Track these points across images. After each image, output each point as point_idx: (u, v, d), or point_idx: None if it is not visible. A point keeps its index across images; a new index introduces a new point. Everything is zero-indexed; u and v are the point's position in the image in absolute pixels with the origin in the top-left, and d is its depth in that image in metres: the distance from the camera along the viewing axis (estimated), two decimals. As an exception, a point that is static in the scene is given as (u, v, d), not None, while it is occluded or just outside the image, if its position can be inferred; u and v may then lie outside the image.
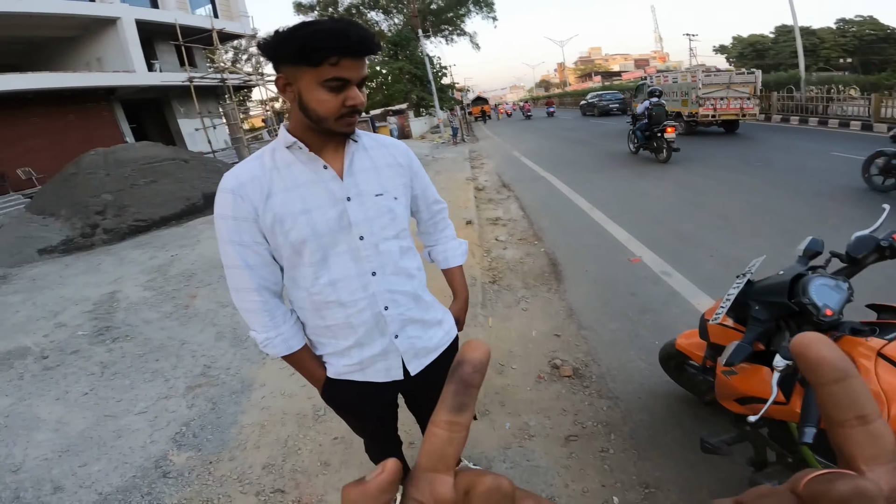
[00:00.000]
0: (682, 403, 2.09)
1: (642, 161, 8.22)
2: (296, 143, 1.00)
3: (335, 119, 0.93)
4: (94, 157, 8.96)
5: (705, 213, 4.75)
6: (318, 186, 1.00)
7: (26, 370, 2.97)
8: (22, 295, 4.46)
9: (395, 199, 1.09)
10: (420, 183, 1.20)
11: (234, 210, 0.98)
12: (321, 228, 1.00)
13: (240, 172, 1.00)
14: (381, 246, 1.06)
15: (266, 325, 1.04)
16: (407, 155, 1.17)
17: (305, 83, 0.91)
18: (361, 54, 0.90)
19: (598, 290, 3.38)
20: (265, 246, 1.02)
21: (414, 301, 1.15)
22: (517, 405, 2.22)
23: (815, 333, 0.20)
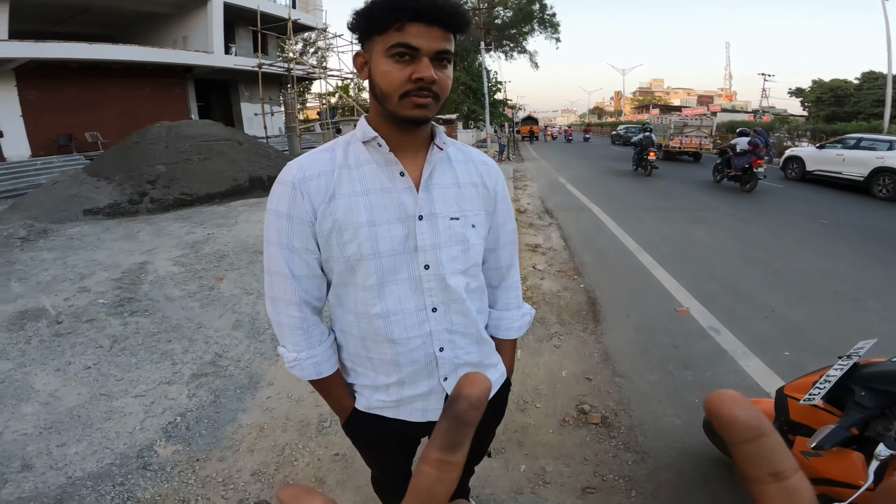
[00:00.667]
0: (714, 466, 1.93)
1: (698, 205, 7.78)
2: (376, 139, 0.84)
3: (399, 97, 0.78)
4: (158, 130, 9.34)
5: (764, 271, 4.35)
6: (390, 196, 0.85)
7: (36, 334, 2.95)
8: (56, 252, 4.56)
9: (472, 227, 0.92)
10: (500, 216, 1.00)
11: (290, 207, 0.84)
12: (384, 248, 0.84)
13: (306, 164, 0.86)
14: (449, 280, 0.89)
15: (299, 344, 0.90)
16: (496, 177, 0.99)
17: (375, 55, 0.79)
18: (433, 20, 0.75)
19: (638, 337, 3.11)
20: (316, 255, 0.87)
21: (476, 344, 0.98)
22: (536, 448, 2.07)
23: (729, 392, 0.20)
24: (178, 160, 8.72)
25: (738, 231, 5.93)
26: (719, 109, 55.32)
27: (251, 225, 5.61)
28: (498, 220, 0.99)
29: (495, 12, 30.26)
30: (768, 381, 2.52)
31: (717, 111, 53.14)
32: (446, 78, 0.80)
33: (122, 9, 15.54)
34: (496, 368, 1.06)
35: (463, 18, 0.78)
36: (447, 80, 0.81)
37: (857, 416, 1.17)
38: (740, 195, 8.83)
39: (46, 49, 11.99)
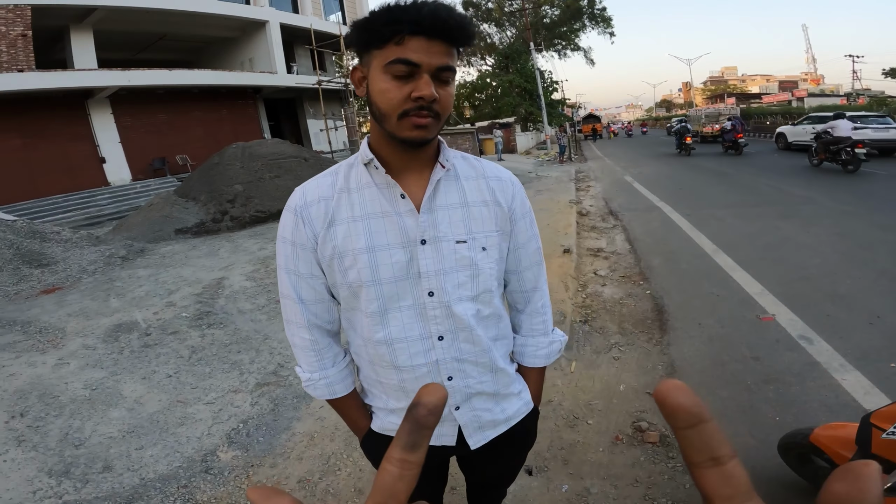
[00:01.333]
0: (788, 491, 1.74)
1: (788, 198, 7.02)
2: (373, 161, 0.81)
3: (398, 117, 0.74)
4: (234, 150, 10.12)
5: (868, 271, 3.80)
6: (390, 220, 0.82)
7: (128, 345, 3.25)
8: (150, 270, 5.05)
9: (482, 251, 0.85)
10: (520, 236, 0.92)
11: (293, 233, 0.85)
12: (384, 274, 0.81)
13: (308, 189, 0.86)
14: (455, 307, 0.84)
15: (312, 364, 0.91)
16: (511, 192, 0.91)
17: (373, 71, 0.75)
18: (435, 34, 0.70)
19: (711, 348, 2.84)
20: (322, 280, 0.87)
21: (490, 373, 0.92)
22: (582, 466, 1.96)
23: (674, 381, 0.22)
24: (253, 179, 9.39)
25: (837, 226, 5.25)
26: (806, 94, 50.23)
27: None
28: (518, 240, 0.92)
29: (542, 11, 29.69)
30: (868, 397, 2.20)
31: (804, 96, 48.36)
32: (448, 96, 0.76)
33: (195, 35, 16.95)
34: (518, 398, 0.99)
35: (467, 31, 0.73)
36: (449, 99, 0.76)
37: None
38: (841, 185, 7.88)
39: (134, 77, 13.21)
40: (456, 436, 0.94)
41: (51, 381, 2.82)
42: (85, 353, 3.19)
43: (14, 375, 2.91)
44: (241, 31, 17.60)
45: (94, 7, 12.26)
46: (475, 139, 10.29)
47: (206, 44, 18.29)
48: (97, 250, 5.66)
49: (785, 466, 1.77)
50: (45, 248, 5.48)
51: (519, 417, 0.99)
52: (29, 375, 2.91)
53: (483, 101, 26.68)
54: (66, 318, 3.85)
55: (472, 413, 0.92)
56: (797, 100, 46.95)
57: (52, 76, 11.69)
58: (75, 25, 12.88)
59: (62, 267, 5.23)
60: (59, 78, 11.85)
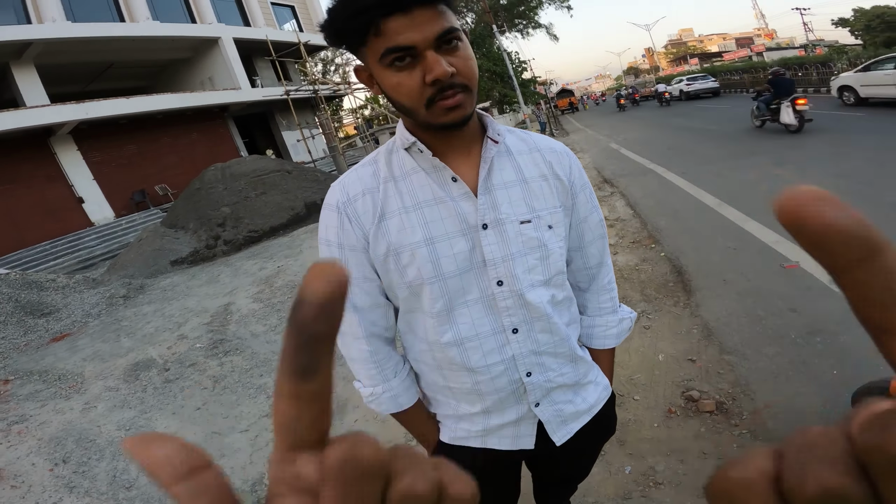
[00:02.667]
0: None
1: (779, 148, 7.03)
2: (415, 144, 0.73)
3: (425, 107, 0.65)
4: (213, 173, 9.91)
5: (879, 207, 3.78)
6: (445, 207, 0.74)
7: (150, 382, 3.18)
8: (154, 305, 4.92)
9: (549, 229, 0.78)
10: (582, 209, 0.85)
11: (339, 235, 0.76)
12: (447, 268, 0.73)
13: (349, 183, 0.77)
14: (528, 295, 0.77)
15: (373, 377, 0.82)
16: (569, 164, 0.84)
17: (373, 67, 0.67)
18: (412, 3, 0.60)
19: (743, 304, 2.77)
20: (377, 283, 0.78)
21: (570, 364, 0.85)
22: (640, 445, 1.86)
23: (808, 189, 0.14)
24: (239, 199, 9.21)
25: (833, 166, 5.26)
26: (764, 49, 50.76)
27: (315, 251, 5.75)
28: (579, 214, 0.85)
29: None
30: None
31: (763, 51, 48.87)
32: (466, 60, 0.65)
33: (145, 60, 16.39)
34: (596, 384, 0.93)
35: None
36: (469, 62, 0.66)
37: None
38: (824, 132, 7.97)
39: (91, 108, 12.56)
40: (535, 436, 0.87)
41: (83, 426, 2.76)
42: (109, 394, 3.13)
43: (45, 423, 2.84)
44: (193, 50, 17.11)
45: (27, 42, 11.58)
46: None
47: (160, 67, 17.72)
48: (97, 293, 5.52)
49: None
50: (43, 297, 5.33)
51: (601, 405, 0.93)
52: (60, 422, 2.84)
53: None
54: (81, 362, 3.77)
55: (553, 408, 0.86)
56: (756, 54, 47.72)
57: (4, 116, 11.01)
58: (15, 62, 12.17)
59: (65, 314, 5.10)
60: (12, 118, 11.19)
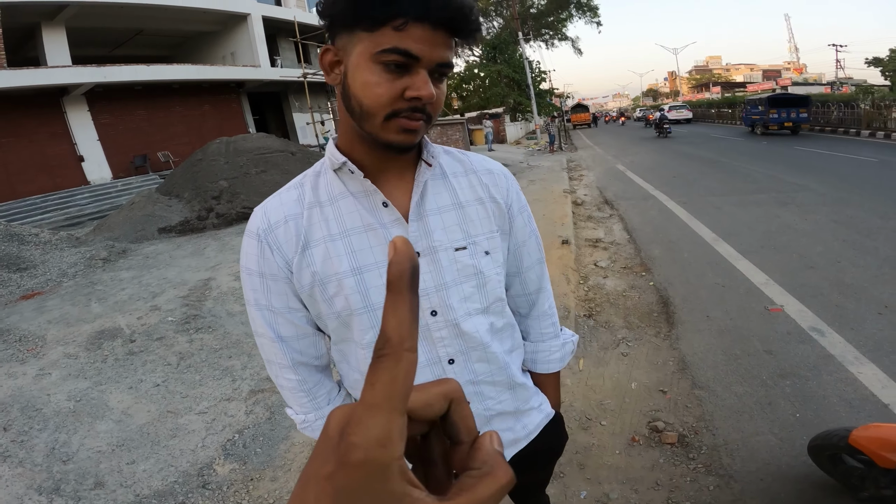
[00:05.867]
0: (818, 490, 1.67)
1: (782, 186, 7.00)
2: (345, 164, 0.68)
3: (384, 118, 0.61)
4: (217, 146, 9.83)
5: (872, 259, 3.75)
6: (375, 234, 0.70)
7: (112, 353, 3.09)
8: (133, 272, 4.83)
9: (485, 255, 0.75)
10: (519, 234, 0.83)
11: (259, 263, 0.71)
12: (376, 298, 0.69)
13: (270, 209, 0.72)
14: (464, 325, 0.73)
15: (305, 405, 0.78)
16: (506, 186, 0.81)
17: (356, 57, 0.61)
18: (442, 24, 0.58)
19: (722, 342, 2.75)
20: (302, 312, 0.73)
21: (508, 391, 0.82)
22: (599, 471, 1.88)
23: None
24: (238, 174, 9.13)
25: (835, 213, 5.22)
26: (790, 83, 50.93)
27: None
28: (517, 238, 0.82)
29: (529, 1, 29.58)
30: (886, 391, 2.14)
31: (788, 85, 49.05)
32: (442, 95, 0.64)
33: (173, 29, 16.48)
34: (539, 411, 0.90)
35: (475, 23, 0.61)
36: (443, 98, 0.65)
37: None
38: (834, 174, 7.92)
39: (110, 73, 12.78)
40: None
41: (32, 393, 2.67)
42: (67, 362, 3.02)
43: (-8, 387, 2.75)
44: (221, 24, 17.14)
45: (65, 3, 11.82)
46: (465, 130, 10.13)
47: (185, 38, 17.83)
48: (77, 252, 5.42)
49: (813, 466, 1.69)
50: (23, 251, 5.23)
51: (540, 427, 0.90)
52: (9, 387, 2.75)
53: (471, 92, 26.49)
54: (46, 325, 3.66)
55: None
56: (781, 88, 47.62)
57: (24, 74, 11.26)
58: (47, 23, 12.45)
59: (41, 270, 4.99)
60: (33, 76, 11.43)
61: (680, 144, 15.44)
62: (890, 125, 14.05)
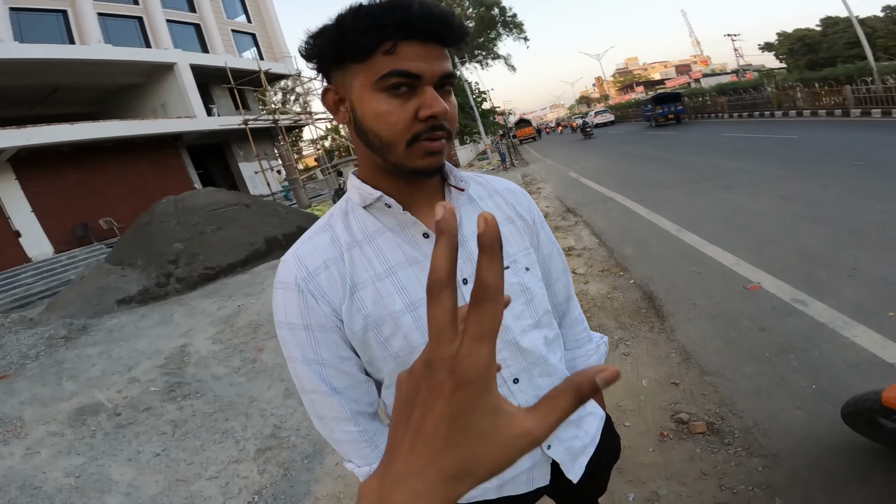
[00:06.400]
0: (868, 457, 1.66)
1: (722, 172, 7.49)
2: (381, 199, 0.66)
3: (406, 144, 0.60)
4: (164, 206, 9.42)
5: (825, 227, 4.06)
6: (421, 267, 0.68)
7: (99, 427, 2.94)
8: (100, 347, 4.53)
9: (526, 271, 0.76)
10: (544, 247, 0.85)
11: (303, 315, 0.67)
12: None
13: (304, 254, 0.69)
14: (522, 342, 0.74)
15: (367, 456, 0.74)
16: (528, 203, 0.84)
17: (357, 90, 0.60)
18: (430, 36, 0.58)
19: (715, 326, 2.84)
20: (354, 360, 0.70)
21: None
22: (639, 471, 1.85)
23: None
24: (193, 234, 8.76)
25: (777, 190, 5.63)
26: (700, 76, 55.11)
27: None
28: (543, 252, 0.85)
29: None
30: (886, 350, 2.23)
31: (699, 77, 53.04)
32: (453, 106, 0.64)
33: (92, 84, 15.64)
34: (594, 415, 0.91)
35: (462, 28, 0.61)
36: (454, 109, 0.64)
37: None
38: (765, 154, 8.55)
39: (33, 134, 11.85)
40: (549, 474, 0.83)
41: (26, 472, 2.53)
42: (53, 440, 2.87)
43: (-17, 469, 2.53)
44: (146, 76, 16.55)
45: None
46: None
47: (109, 93, 17.00)
48: (34, 333, 5.07)
49: (849, 433, 1.72)
50: (-27, 338, 4.80)
51: (599, 431, 0.91)
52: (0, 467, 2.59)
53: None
54: (20, 406, 3.44)
55: (563, 446, 0.83)
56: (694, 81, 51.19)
57: None
58: None
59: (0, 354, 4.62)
60: None
61: (624, 145, 16.28)
62: (798, 104, 15.50)
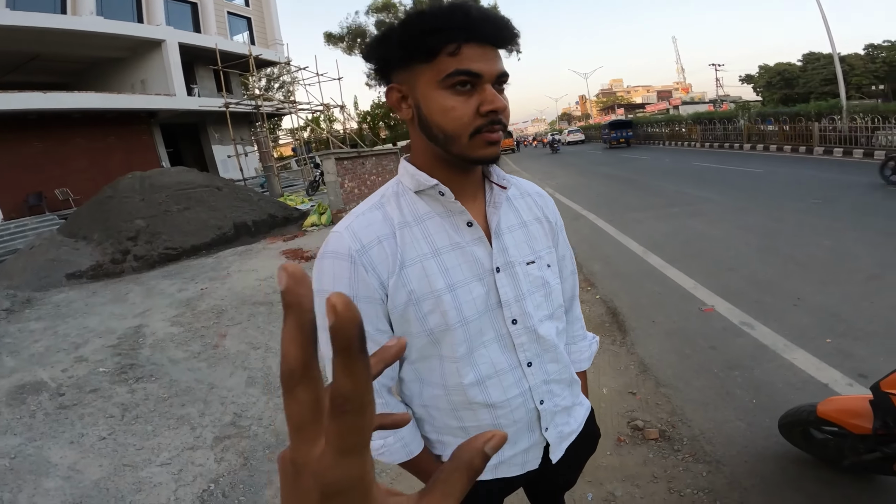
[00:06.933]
0: (799, 466, 1.84)
1: (689, 199, 7.84)
2: (436, 186, 0.72)
3: (469, 136, 0.67)
4: (130, 181, 9.05)
5: (777, 258, 4.33)
6: (462, 252, 0.75)
7: (39, 407, 2.77)
8: (44, 322, 4.29)
9: (548, 268, 0.85)
10: (561, 247, 0.94)
11: (353, 285, 0.71)
12: (468, 313, 0.74)
13: (359, 229, 0.73)
14: (540, 329, 0.82)
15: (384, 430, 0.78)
16: (553, 208, 0.93)
17: (423, 88, 0.68)
18: (488, 38, 0.66)
19: (671, 343, 3.01)
20: (389, 335, 0.74)
21: (568, 388, 0.92)
22: (597, 472, 1.97)
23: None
24: (157, 212, 8.44)
25: (737, 220, 5.96)
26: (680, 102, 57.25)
27: (245, 275, 5.40)
28: (559, 252, 0.93)
29: None
30: (820, 371, 2.45)
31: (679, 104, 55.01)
32: (507, 103, 0.71)
33: (73, 55, 15.09)
34: (581, 405, 1.00)
35: (514, 31, 0.69)
36: (508, 106, 0.72)
37: None
38: (730, 186, 9.00)
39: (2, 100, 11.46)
40: (540, 459, 0.91)
41: None
42: None
43: None
44: (130, 50, 15.97)
45: None
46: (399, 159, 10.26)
47: (89, 64, 16.30)
48: (-31, 306, 4.70)
49: (784, 444, 1.88)
50: None
51: (584, 421, 1.00)
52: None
53: (399, 122, 26.92)
54: None
55: (556, 430, 0.91)
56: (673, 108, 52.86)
57: None
58: None
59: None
60: None
61: (597, 165, 16.74)
62: (767, 139, 16.25)
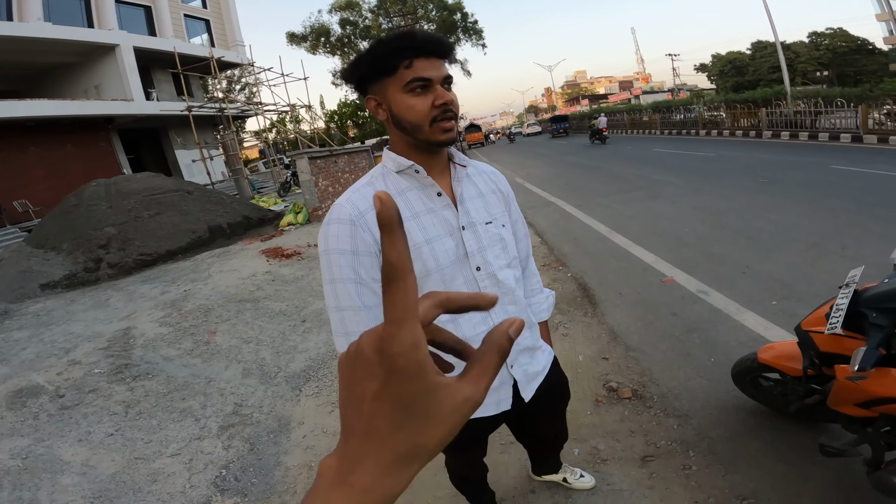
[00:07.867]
0: (756, 417, 2.03)
1: (649, 183, 8.28)
2: (412, 167, 0.96)
3: (429, 124, 0.91)
4: (95, 189, 8.84)
5: (728, 233, 4.73)
6: (435, 215, 0.99)
7: (41, 409, 2.81)
8: (28, 331, 4.26)
9: (503, 227, 1.09)
10: (513, 214, 1.18)
11: (354, 243, 0.92)
12: (443, 260, 0.97)
13: (357, 200, 0.96)
14: (499, 275, 1.04)
15: None
16: (505, 182, 1.17)
17: (391, 95, 0.91)
18: (432, 53, 0.90)
19: (637, 312, 3.31)
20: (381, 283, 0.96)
21: (528, 329, 1.13)
22: (580, 430, 2.15)
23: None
24: (127, 219, 8.30)
25: (693, 201, 6.39)
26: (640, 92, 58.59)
27: (227, 275, 5.45)
28: (512, 217, 1.16)
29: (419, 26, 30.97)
30: (767, 330, 2.76)
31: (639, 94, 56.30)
32: (455, 97, 0.94)
33: (24, 62, 14.46)
34: (543, 350, 1.21)
35: (451, 47, 0.93)
36: (456, 99, 0.95)
37: (879, 335, 1.24)
38: (687, 169, 9.55)
39: None
40: (511, 398, 1.10)
41: None
42: None
43: None
44: (82, 56, 15.31)
45: None
46: (370, 156, 10.34)
47: (40, 71, 15.59)
48: (-56, 321, 4.60)
49: (742, 396, 2.09)
50: None
51: (549, 365, 1.21)
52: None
53: (367, 120, 26.77)
54: None
55: (521, 368, 1.11)
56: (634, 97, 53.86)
57: None
58: None
59: None
60: None
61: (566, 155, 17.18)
62: (720, 125, 17.08)
